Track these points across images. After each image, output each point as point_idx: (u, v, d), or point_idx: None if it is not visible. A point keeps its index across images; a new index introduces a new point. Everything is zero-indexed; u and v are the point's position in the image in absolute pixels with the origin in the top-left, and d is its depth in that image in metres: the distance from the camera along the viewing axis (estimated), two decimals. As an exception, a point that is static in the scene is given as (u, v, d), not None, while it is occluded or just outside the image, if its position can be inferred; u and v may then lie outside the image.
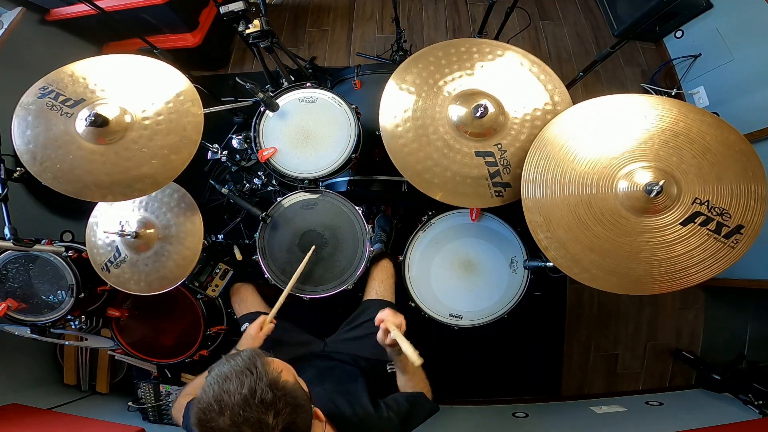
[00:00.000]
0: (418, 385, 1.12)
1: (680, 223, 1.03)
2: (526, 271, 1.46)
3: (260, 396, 0.69)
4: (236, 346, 1.21)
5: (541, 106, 1.23)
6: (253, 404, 0.68)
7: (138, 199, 1.43)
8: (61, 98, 1.20)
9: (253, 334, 1.21)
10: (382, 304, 1.46)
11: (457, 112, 1.23)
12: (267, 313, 1.43)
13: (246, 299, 1.55)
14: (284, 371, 0.76)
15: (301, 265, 1.36)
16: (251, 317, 1.45)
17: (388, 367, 1.34)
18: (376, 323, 1.03)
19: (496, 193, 1.22)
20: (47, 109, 1.19)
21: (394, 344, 0.98)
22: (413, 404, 1.05)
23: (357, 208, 1.46)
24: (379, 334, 1.02)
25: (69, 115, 1.19)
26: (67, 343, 1.82)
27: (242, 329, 1.44)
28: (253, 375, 0.71)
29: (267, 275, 1.46)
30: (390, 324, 0.99)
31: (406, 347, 0.92)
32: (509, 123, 1.23)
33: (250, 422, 0.67)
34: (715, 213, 1.02)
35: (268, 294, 1.59)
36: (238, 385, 0.69)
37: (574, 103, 1.19)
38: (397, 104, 1.26)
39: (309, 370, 1.24)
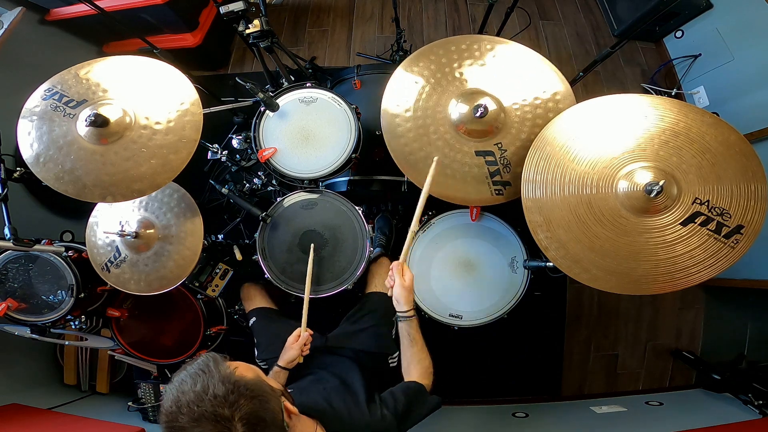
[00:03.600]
0: (420, 356, 1.12)
1: (680, 223, 1.02)
2: (526, 271, 1.46)
3: (213, 391, 0.72)
4: (278, 361, 1.27)
5: (549, 96, 1.22)
6: (205, 399, 0.71)
7: (138, 199, 1.43)
8: (64, 99, 1.20)
9: (288, 345, 1.27)
10: (384, 296, 1.46)
11: (459, 109, 1.23)
12: (272, 308, 1.57)
13: (254, 296, 1.61)
14: (240, 368, 0.79)
15: (309, 268, 1.36)
16: (258, 312, 1.54)
17: (389, 361, 1.35)
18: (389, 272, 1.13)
19: (496, 192, 1.23)
20: (51, 110, 1.19)
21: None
22: (411, 399, 1.05)
23: (357, 208, 1.46)
24: (388, 280, 1.13)
25: (72, 116, 1.19)
26: (67, 343, 1.82)
27: (250, 324, 1.53)
28: (205, 374, 0.74)
29: (267, 275, 1.46)
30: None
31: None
32: (510, 122, 1.23)
33: (206, 416, 0.70)
34: (715, 213, 1.01)
35: (275, 292, 1.61)
36: (191, 385, 0.73)
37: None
38: (401, 92, 1.25)
39: (310, 368, 1.26)
